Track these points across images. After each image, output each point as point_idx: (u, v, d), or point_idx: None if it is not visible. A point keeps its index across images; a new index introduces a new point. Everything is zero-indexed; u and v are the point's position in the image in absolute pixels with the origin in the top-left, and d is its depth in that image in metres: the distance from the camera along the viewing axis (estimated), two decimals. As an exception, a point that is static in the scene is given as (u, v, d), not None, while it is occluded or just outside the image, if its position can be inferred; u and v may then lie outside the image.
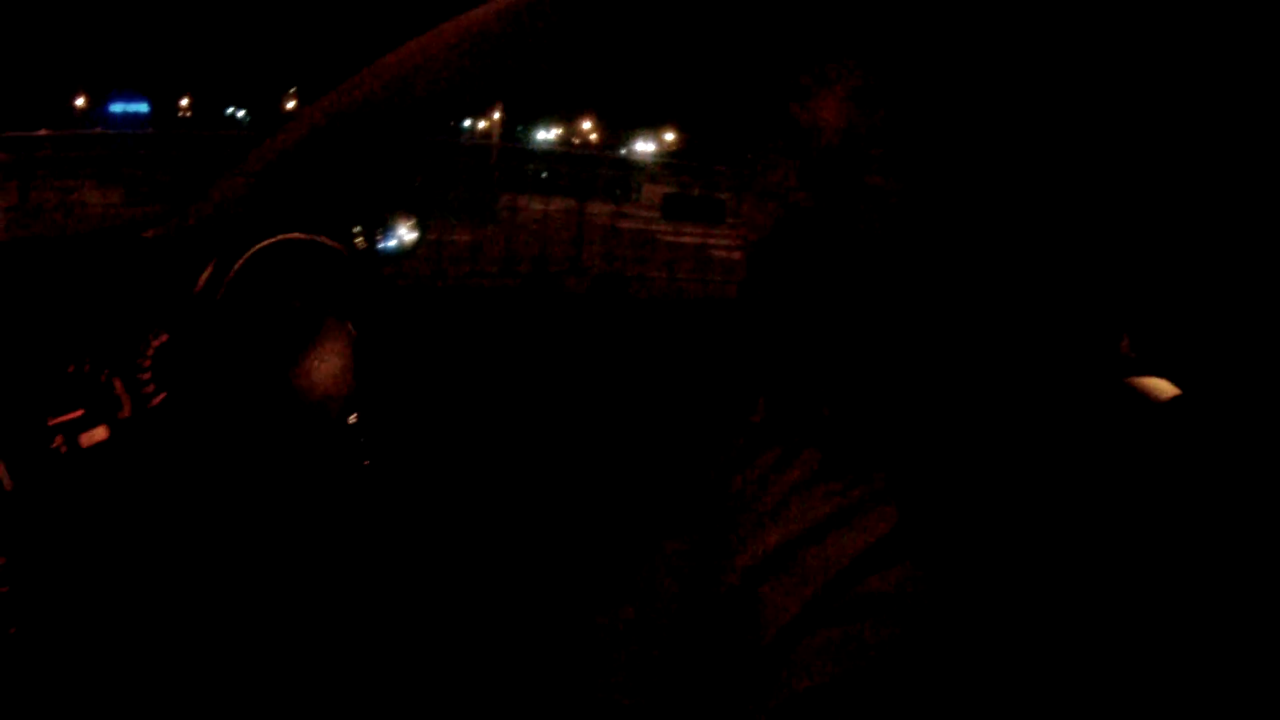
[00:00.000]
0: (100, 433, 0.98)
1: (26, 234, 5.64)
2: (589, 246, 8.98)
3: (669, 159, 11.49)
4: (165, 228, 1.09)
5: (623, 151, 11.55)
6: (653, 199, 10.15)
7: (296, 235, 1.06)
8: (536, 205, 10.04)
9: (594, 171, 11.14)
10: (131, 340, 1.01)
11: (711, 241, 9.30)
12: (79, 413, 0.97)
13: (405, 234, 1.22)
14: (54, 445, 0.96)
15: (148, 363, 1.01)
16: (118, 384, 1.00)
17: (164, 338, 1.01)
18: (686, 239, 9.67)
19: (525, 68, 1.00)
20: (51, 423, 0.95)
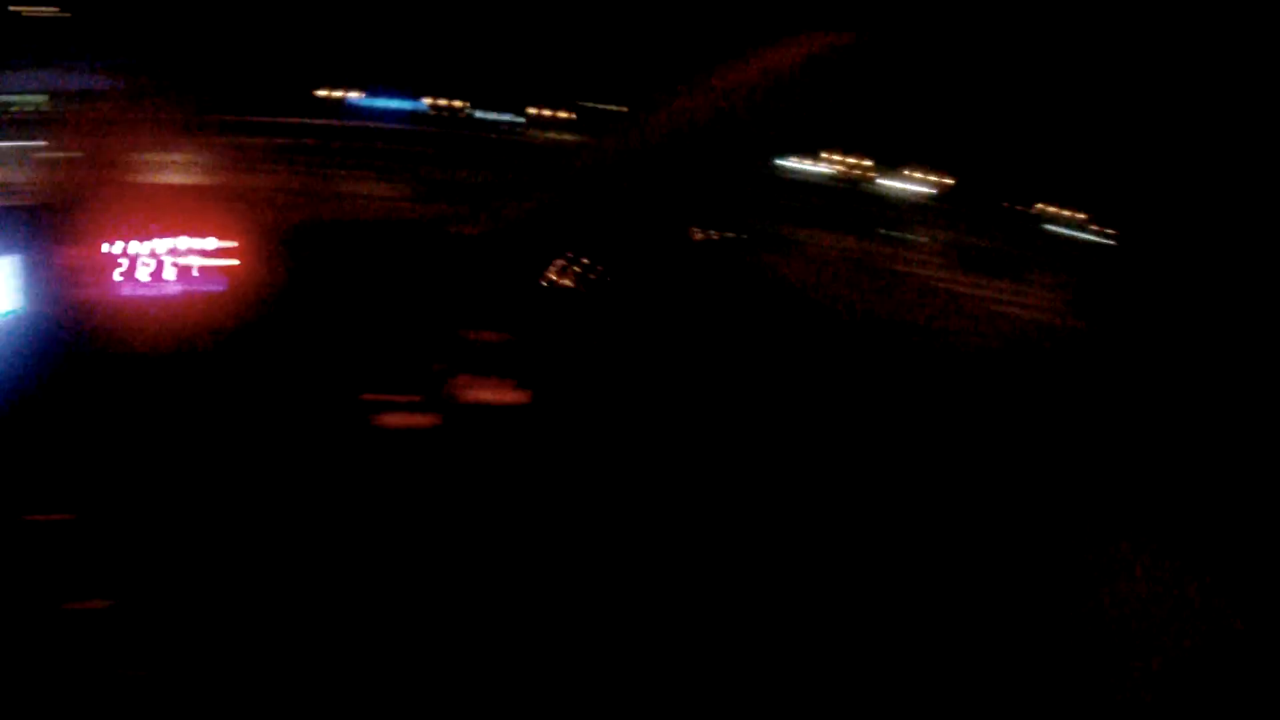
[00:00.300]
0: (416, 418, 0.84)
1: (319, 219, 5.71)
2: (869, 289, 8.62)
3: (941, 202, 11.10)
4: (477, 225, 0.97)
5: (889, 189, 11.26)
6: (933, 244, 9.77)
7: (631, 238, 0.99)
8: (811, 238, 9.80)
9: (866, 209, 10.87)
10: (449, 329, 0.86)
11: (1008, 298, 8.74)
12: (395, 395, 0.80)
13: (732, 243, 1.16)
14: (366, 419, 0.85)
15: (470, 354, 0.82)
16: (437, 370, 0.83)
17: (490, 332, 0.89)
18: (978, 292, 9.15)
19: (819, 107, 1.01)
20: (365, 398, 0.83)
